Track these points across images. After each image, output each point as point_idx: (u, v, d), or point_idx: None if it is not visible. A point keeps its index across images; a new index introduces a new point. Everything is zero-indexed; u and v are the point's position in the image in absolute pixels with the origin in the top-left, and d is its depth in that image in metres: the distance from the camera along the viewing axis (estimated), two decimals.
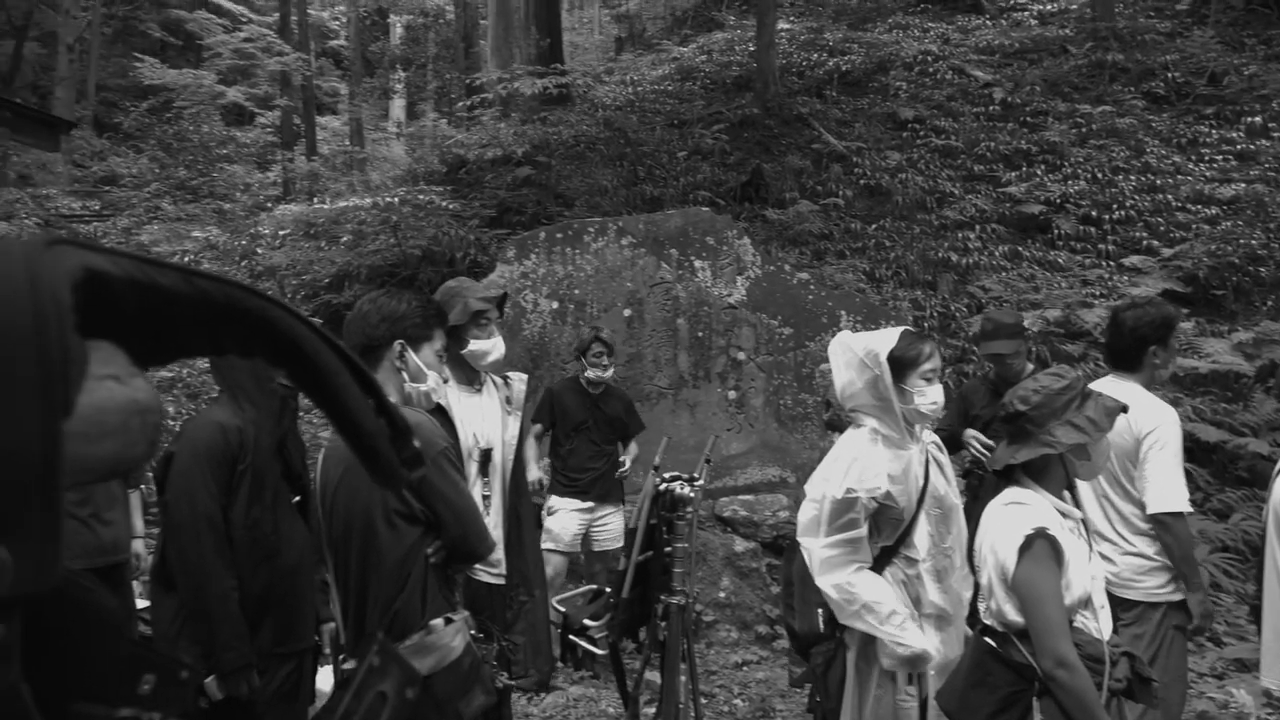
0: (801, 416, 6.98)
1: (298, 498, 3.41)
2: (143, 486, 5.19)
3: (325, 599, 3.29)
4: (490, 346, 3.92)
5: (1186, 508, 3.75)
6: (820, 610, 3.30)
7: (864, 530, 3.12)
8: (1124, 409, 2.89)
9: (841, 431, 4.46)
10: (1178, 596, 3.77)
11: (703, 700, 4.28)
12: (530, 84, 13.61)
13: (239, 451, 3.20)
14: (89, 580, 0.94)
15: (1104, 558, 3.56)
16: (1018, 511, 2.82)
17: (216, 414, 3.28)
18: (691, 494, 3.62)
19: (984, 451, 4.96)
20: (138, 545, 4.83)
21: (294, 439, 3.52)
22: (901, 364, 3.25)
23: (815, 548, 3.15)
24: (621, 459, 5.98)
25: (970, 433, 5.13)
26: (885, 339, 3.28)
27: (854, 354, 3.28)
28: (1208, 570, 6.18)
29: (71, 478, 0.72)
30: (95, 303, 0.67)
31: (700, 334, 7.12)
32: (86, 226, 15.83)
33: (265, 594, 3.22)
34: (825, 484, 3.21)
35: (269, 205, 16.63)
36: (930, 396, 3.28)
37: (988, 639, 2.88)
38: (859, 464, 3.17)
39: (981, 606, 2.94)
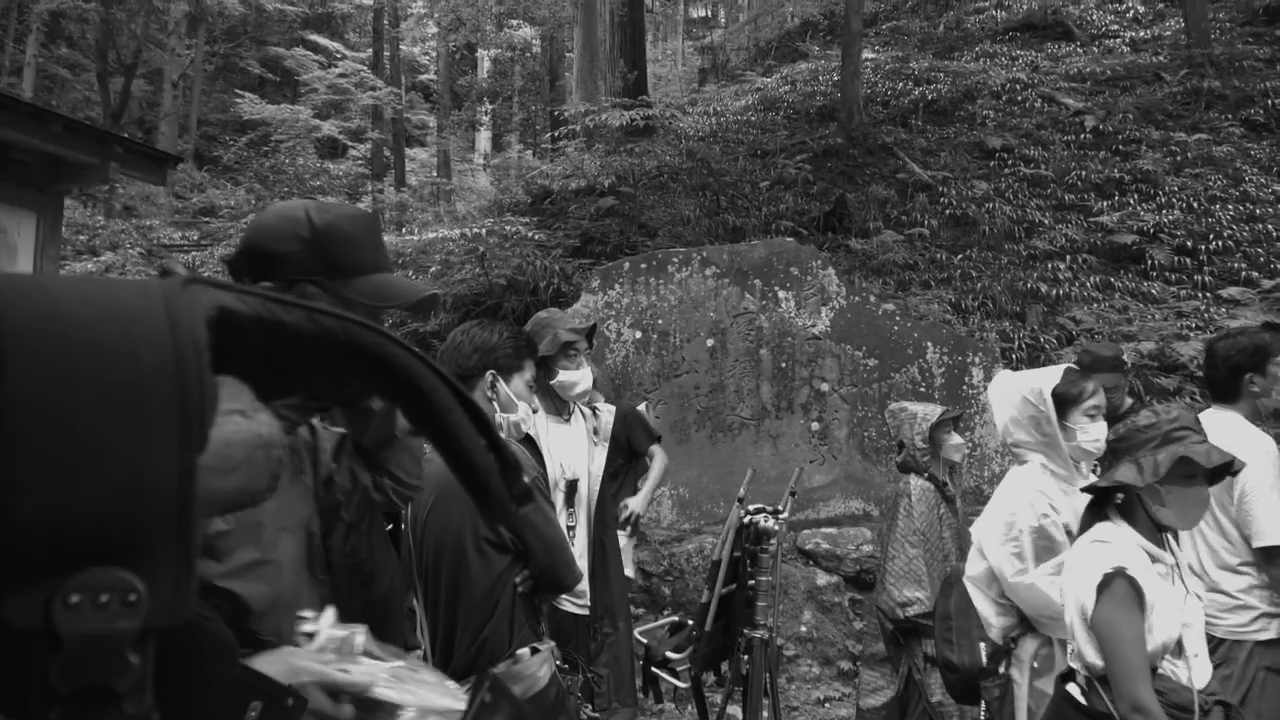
0: (886, 449, 6.89)
1: (390, 525, 3.47)
2: None
3: (411, 626, 3.33)
4: (579, 377, 3.96)
5: None
6: (983, 644, 3.35)
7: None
8: (1212, 468, 2.75)
9: (917, 473, 4.46)
10: (1267, 635, 3.62)
11: None
12: (618, 116, 13.74)
13: None
14: (206, 608, 0.98)
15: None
16: (1099, 549, 2.76)
17: None
18: (776, 527, 3.60)
19: None
20: None
21: None
22: (1064, 401, 3.33)
23: (1039, 578, 3.17)
24: (624, 503, 4.86)
25: None
26: (1048, 376, 3.39)
27: (1016, 392, 3.37)
28: None
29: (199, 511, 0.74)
30: (225, 340, 0.70)
31: (783, 364, 7.09)
32: (185, 256, 16.36)
33: (360, 621, 3.26)
34: (1014, 518, 3.25)
35: None
36: (1093, 434, 3.32)
37: (1068, 685, 2.82)
38: (1042, 493, 3.24)
39: (1068, 647, 2.91)
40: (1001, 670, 3.27)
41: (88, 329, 0.62)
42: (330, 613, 1.60)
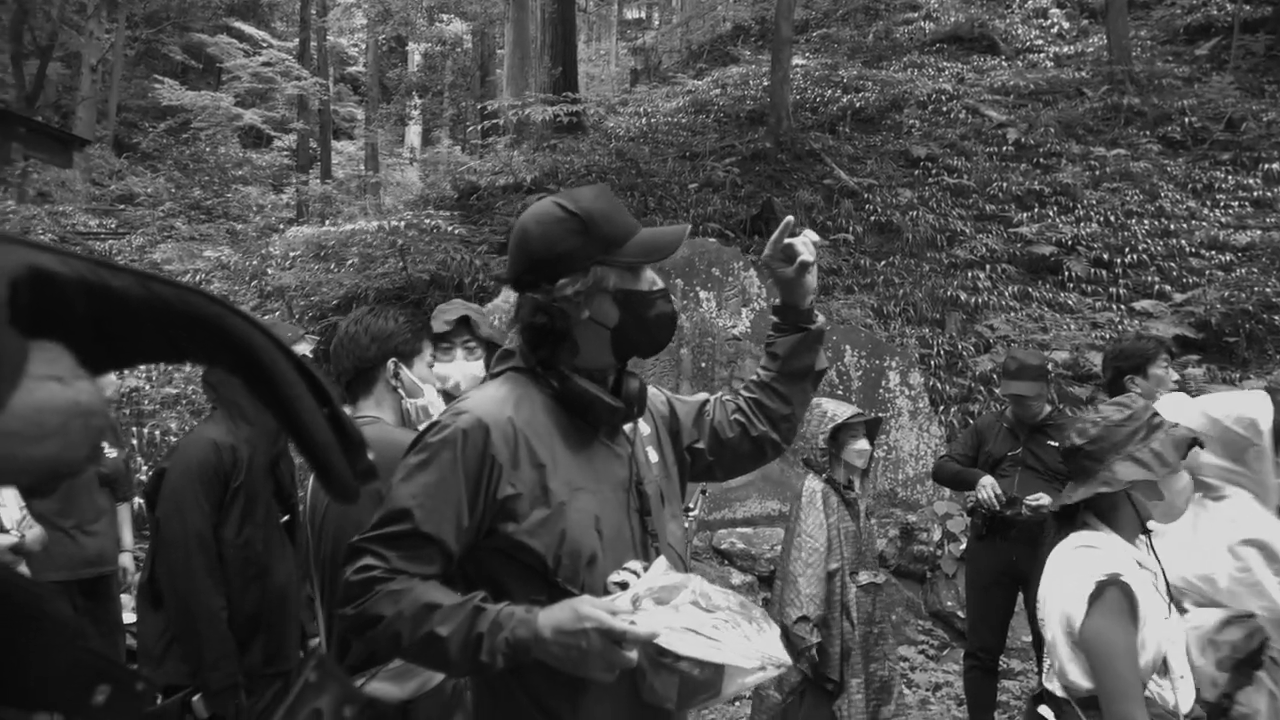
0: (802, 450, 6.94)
1: (286, 517, 3.39)
2: (136, 500, 5.16)
3: (311, 615, 3.26)
4: (451, 370, 3.72)
5: None
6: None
7: None
8: (1199, 442, 2.53)
9: (816, 473, 4.35)
10: None
11: None
12: (541, 111, 13.68)
13: (232, 470, 3.18)
14: (42, 586, 0.93)
15: None
16: (1088, 556, 2.43)
17: (210, 431, 3.26)
18: (686, 525, 3.58)
19: (994, 500, 4.89)
20: (126, 559, 4.80)
21: (286, 459, 3.50)
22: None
23: None
24: None
25: (987, 480, 5.03)
26: (1258, 406, 2.96)
27: (1209, 419, 2.95)
28: None
29: (7, 478, 0.70)
30: (41, 302, 0.66)
31: (703, 364, 7.10)
32: (101, 244, 15.91)
33: (255, 614, 3.19)
34: (1244, 549, 2.82)
35: (281, 227, 16.71)
36: None
37: (1042, 709, 2.51)
38: (1265, 528, 2.85)
39: (1045, 665, 2.59)
40: None
41: None
42: (660, 562, 1.77)
